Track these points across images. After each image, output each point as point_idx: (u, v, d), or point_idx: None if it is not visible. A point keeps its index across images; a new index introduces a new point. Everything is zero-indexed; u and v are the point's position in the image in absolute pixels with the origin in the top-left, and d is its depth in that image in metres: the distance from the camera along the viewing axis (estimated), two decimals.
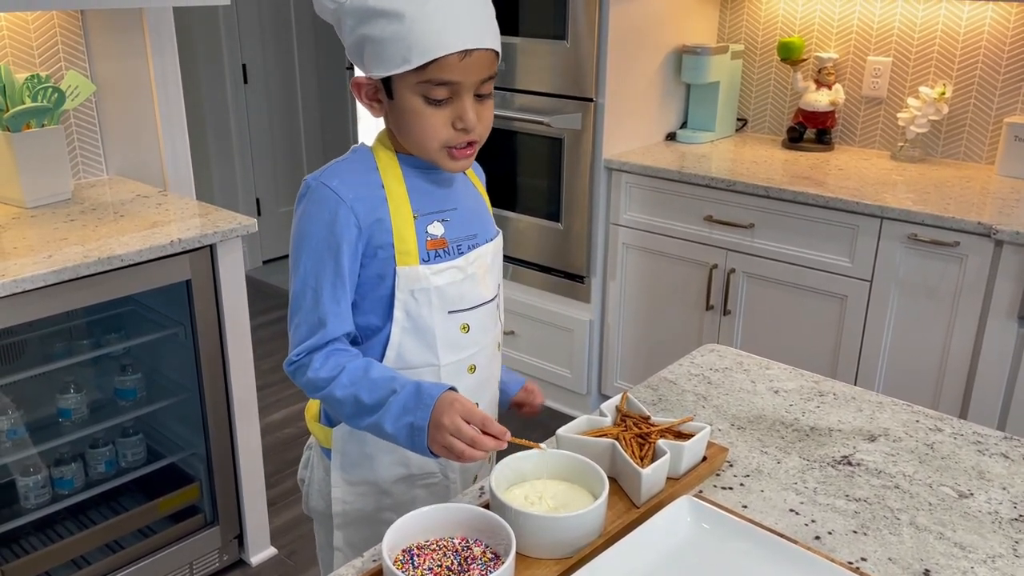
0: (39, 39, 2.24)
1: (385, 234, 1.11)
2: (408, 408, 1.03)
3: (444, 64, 1.04)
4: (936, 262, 2.15)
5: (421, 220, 1.13)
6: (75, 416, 2.06)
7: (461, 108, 1.08)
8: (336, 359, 1.09)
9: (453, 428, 0.99)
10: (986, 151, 2.57)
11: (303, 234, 1.11)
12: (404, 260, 1.11)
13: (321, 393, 1.10)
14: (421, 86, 1.06)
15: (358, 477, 1.22)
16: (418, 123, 1.09)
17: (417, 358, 1.15)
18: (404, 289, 1.12)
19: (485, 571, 0.86)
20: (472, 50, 1.05)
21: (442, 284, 1.14)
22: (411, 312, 1.13)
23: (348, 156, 1.16)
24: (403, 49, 1.04)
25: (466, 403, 1.02)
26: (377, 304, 1.14)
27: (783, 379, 1.35)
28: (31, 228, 1.97)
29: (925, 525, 1.00)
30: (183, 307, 2.02)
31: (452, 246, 1.15)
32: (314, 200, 1.10)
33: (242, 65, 4.15)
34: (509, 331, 3.08)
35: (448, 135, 1.10)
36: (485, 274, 1.20)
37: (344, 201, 1.09)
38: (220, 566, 2.25)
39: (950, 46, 2.56)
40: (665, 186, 2.59)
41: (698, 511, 0.96)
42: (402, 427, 1.03)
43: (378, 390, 1.06)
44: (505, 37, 2.79)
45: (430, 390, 1.03)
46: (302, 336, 1.11)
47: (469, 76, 1.06)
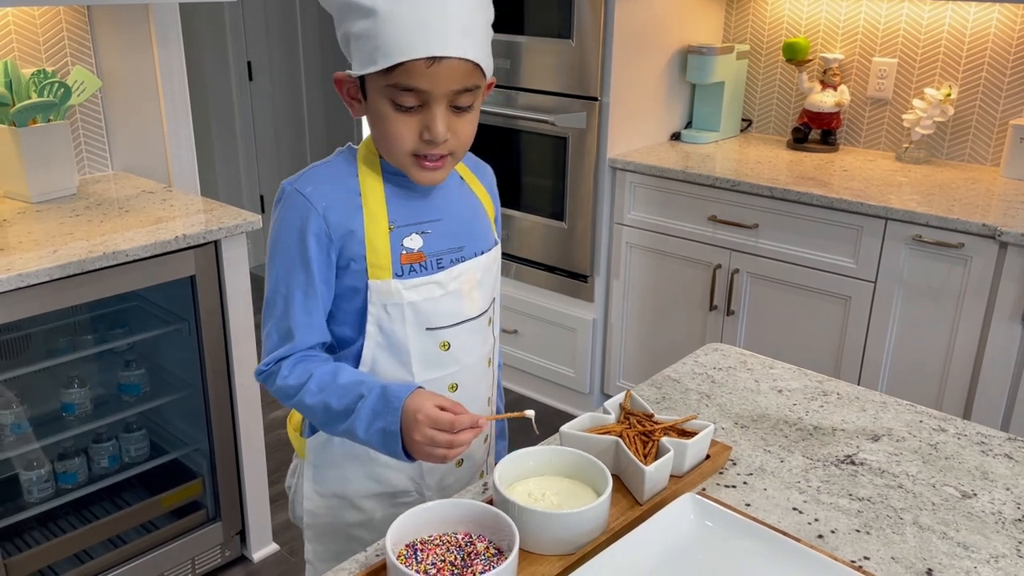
0: (45, 34, 2.25)
1: (358, 246, 1.06)
2: (377, 412, 1.00)
3: (410, 69, 0.98)
4: (940, 263, 2.15)
5: (397, 232, 1.08)
6: (79, 411, 2.07)
7: (430, 118, 1.01)
8: (305, 365, 1.06)
9: (426, 440, 0.97)
10: (991, 153, 2.57)
11: (276, 241, 1.08)
12: (376, 274, 1.07)
13: (292, 401, 1.07)
14: (388, 90, 1.01)
15: (328, 490, 1.19)
16: (385, 128, 1.04)
17: (391, 375, 1.11)
18: (377, 303, 1.08)
19: (488, 567, 0.86)
20: (441, 58, 0.98)
21: (417, 300, 1.09)
22: (384, 327, 1.09)
23: (330, 159, 1.13)
24: (372, 49, 0.99)
25: (430, 412, 0.97)
26: (351, 316, 1.10)
27: (787, 378, 1.35)
28: (36, 223, 1.97)
29: (928, 525, 1.00)
30: (187, 303, 2.03)
31: (431, 260, 1.10)
32: (287, 206, 1.07)
33: (247, 62, 4.15)
34: (512, 330, 3.08)
35: (415, 144, 1.04)
36: (472, 290, 1.14)
37: (316, 209, 1.05)
38: (222, 562, 2.25)
39: (956, 47, 2.56)
40: (669, 186, 2.59)
41: (701, 509, 0.96)
42: (375, 433, 1.00)
43: (346, 395, 1.03)
44: (510, 36, 2.79)
45: (397, 392, 1.00)
46: (272, 344, 1.08)
47: (438, 86, 0.99)
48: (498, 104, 2.88)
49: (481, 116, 3.31)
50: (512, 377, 3.17)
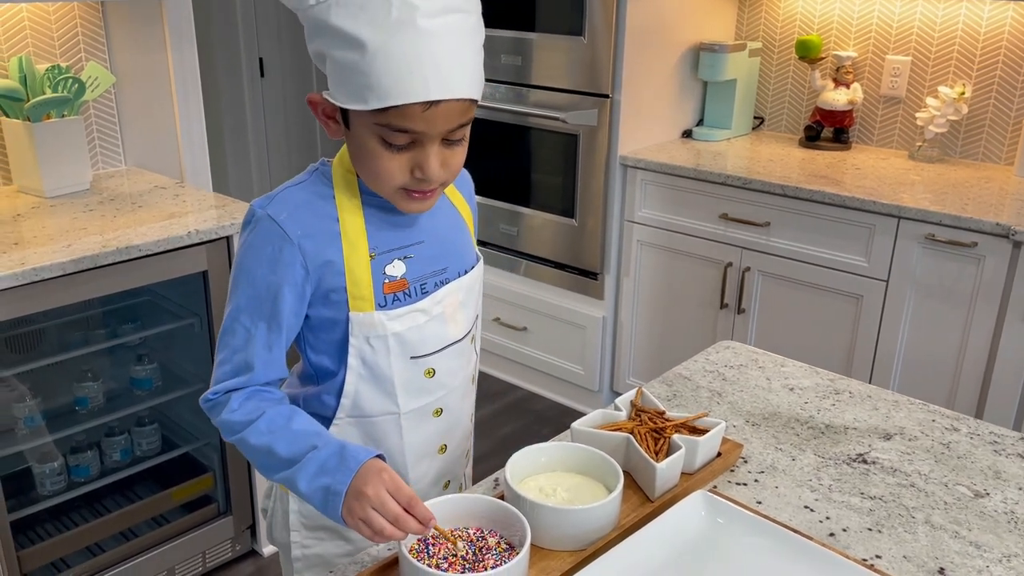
0: (60, 30, 2.26)
1: (336, 277, 1.00)
2: (327, 469, 0.92)
3: (405, 112, 0.90)
4: (953, 263, 2.14)
5: (379, 259, 1.02)
6: (91, 405, 2.08)
7: (423, 157, 0.95)
8: (256, 402, 0.99)
9: (377, 501, 0.88)
10: (1005, 152, 2.55)
11: (242, 268, 1.00)
12: (358, 306, 1.00)
13: (235, 437, 0.99)
14: (378, 128, 0.93)
15: (316, 523, 1.14)
16: (372, 164, 0.96)
17: (375, 406, 1.06)
18: (359, 336, 1.02)
19: (500, 561, 0.86)
20: (439, 101, 0.91)
21: (401, 330, 1.03)
22: (367, 360, 1.03)
23: (304, 179, 1.04)
24: (361, 85, 0.90)
25: (395, 476, 0.90)
26: (331, 347, 1.04)
27: (798, 377, 1.34)
28: (50, 217, 1.99)
29: (940, 524, 0.99)
30: (199, 298, 2.04)
31: (414, 287, 1.04)
32: (258, 233, 0.99)
33: (259, 59, 4.17)
34: (522, 327, 3.08)
35: (405, 180, 0.97)
36: (455, 312, 1.08)
37: (291, 239, 0.97)
38: (232, 556, 2.27)
39: (970, 46, 2.54)
40: (680, 183, 2.59)
41: (712, 506, 0.96)
42: (317, 488, 0.92)
43: (297, 443, 0.95)
44: (522, 33, 2.79)
45: (356, 454, 0.92)
46: (224, 374, 1.00)
47: (434, 127, 0.93)
48: (509, 101, 2.88)
49: (492, 113, 3.29)
50: (521, 374, 3.18)
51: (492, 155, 3.01)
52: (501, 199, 3.00)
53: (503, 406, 3.04)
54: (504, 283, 3.08)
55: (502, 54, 2.85)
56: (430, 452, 1.14)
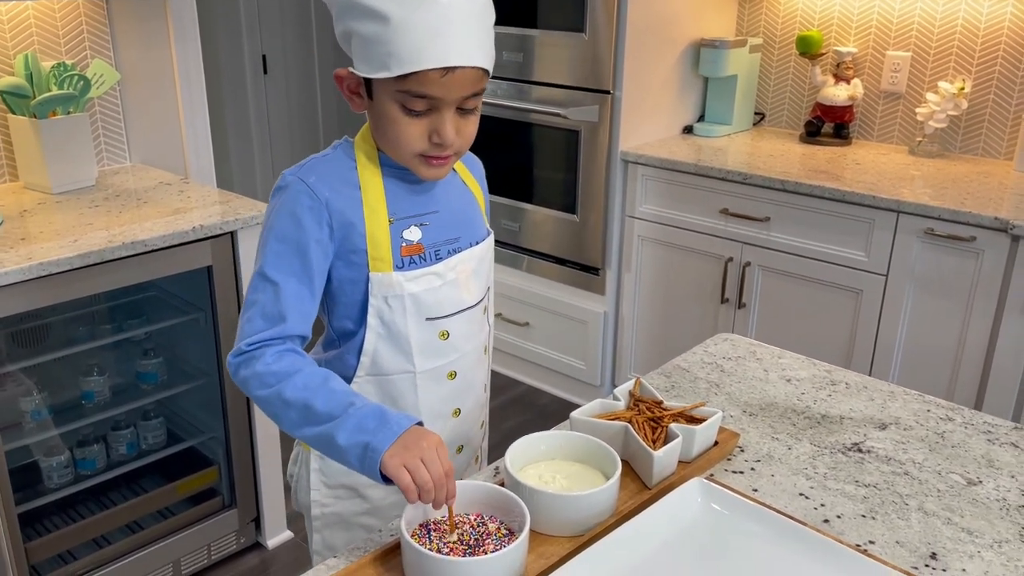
0: (65, 27, 2.28)
1: (358, 239, 1.07)
2: (367, 429, 0.94)
3: (424, 78, 0.99)
4: (952, 257, 2.15)
5: (397, 224, 1.09)
6: (98, 399, 2.10)
7: (439, 122, 1.03)
8: (291, 359, 1.02)
9: (430, 455, 0.91)
10: (1005, 147, 2.56)
11: (272, 228, 1.06)
12: (377, 266, 1.08)
13: (268, 390, 1.01)
14: (399, 95, 1.02)
15: (336, 480, 1.19)
16: (393, 130, 1.05)
17: (392, 365, 1.13)
18: (378, 295, 1.09)
19: (500, 546, 0.88)
20: (455, 68, 0.99)
21: (417, 291, 1.10)
22: (385, 319, 1.10)
23: (329, 152, 1.13)
24: (384, 54, 0.99)
25: (442, 443, 0.94)
26: (351, 308, 1.11)
27: (795, 368, 1.36)
28: (56, 213, 2.01)
29: (933, 510, 1.01)
30: (204, 293, 2.06)
31: (429, 252, 1.11)
32: (289, 195, 1.06)
33: (262, 56, 4.18)
34: (524, 322, 3.10)
35: (423, 147, 1.05)
36: (468, 279, 1.16)
37: (319, 199, 1.05)
38: (237, 548, 2.29)
39: (970, 41, 2.55)
40: (681, 179, 2.60)
41: (709, 493, 0.98)
42: (356, 444, 0.94)
43: (334, 400, 0.98)
44: (523, 29, 2.80)
45: (399, 419, 0.96)
46: (257, 327, 1.03)
47: (451, 93, 1.01)
48: (511, 97, 2.90)
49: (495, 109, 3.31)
50: (523, 369, 3.19)
51: (494, 151, 3.01)
52: (503, 195, 3.01)
53: (506, 401, 3.06)
54: (506, 279, 3.10)
55: (504, 51, 2.87)
56: (444, 414, 1.19)
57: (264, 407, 1.03)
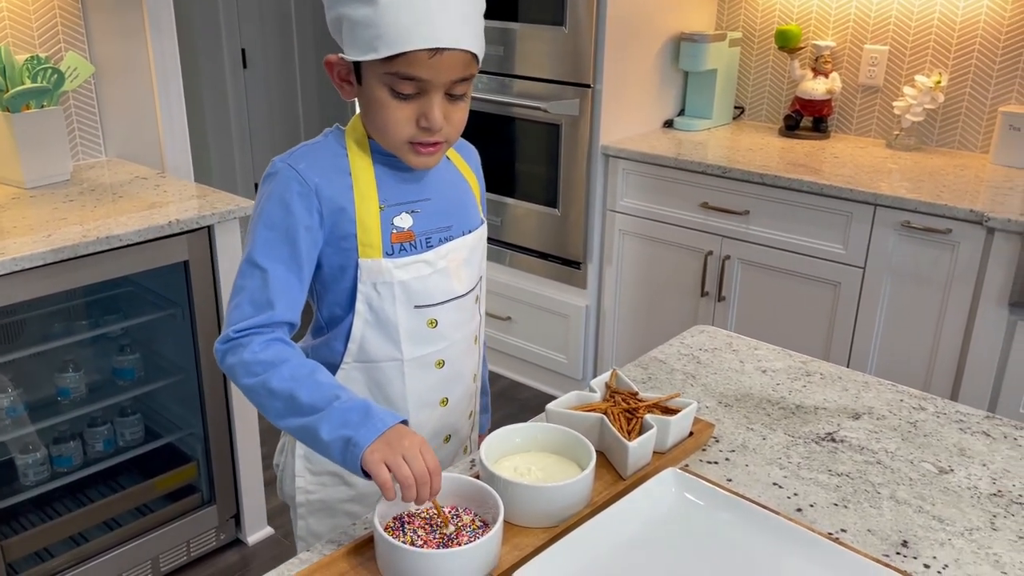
0: (38, 20, 2.25)
1: (348, 224, 1.07)
2: (350, 423, 0.94)
3: (412, 59, 0.99)
4: (929, 249, 2.17)
5: (388, 211, 1.09)
6: (74, 395, 2.08)
7: (428, 106, 1.03)
8: (279, 348, 1.01)
9: (412, 453, 0.90)
10: (981, 140, 2.59)
11: (262, 214, 1.06)
12: (367, 253, 1.08)
13: (254, 379, 1.00)
14: (387, 77, 1.01)
15: (320, 467, 1.19)
16: (382, 115, 1.04)
17: (380, 352, 1.12)
18: (366, 282, 1.09)
19: (473, 538, 0.88)
20: (443, 49, 0.99)
21: (406, 279, 1.10)
22: (373, 305, 1.10)
23: (319, 139, 1.12)
24: (372, 36, 0.99)
25: (426, 442, 0.93)
26: (340, 295, 1.11)
27: (771, 359, 1.37)
28: (30, 208, 1.99)
29: (905, 499, 1.02)
30: (181, 288, 2.04)
31: (420, 239, 1.11)
32: (279, 181, 1.06)
33: (241, 50, 4.15)
34: (505, 316, 3.10)
35: (411, 132, 1.05)
36: (459, 268, 1.15)
37: (309, 185, 1.05)
38: (217, 545, 2.28)
39: (946, 35, 2.57)
40: (662, 173, 2.61)
41: (682, 482, 0.98)
42: (338, 438, 0.94)
43: (319, 392, 0.98)
44: (504, 22, 2.80)
45: (383, 415, 0.95)
46: (244, 314, 1.02)
47: (439, 76, 1.01)
48: (491, 91, 2.89)
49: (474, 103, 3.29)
50: (505, 363, 3.19)
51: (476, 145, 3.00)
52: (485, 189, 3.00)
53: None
54: (488, 273, 3.07)
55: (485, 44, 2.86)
56: (431, 402, 1.19)
57: (249, 396, 1.03)
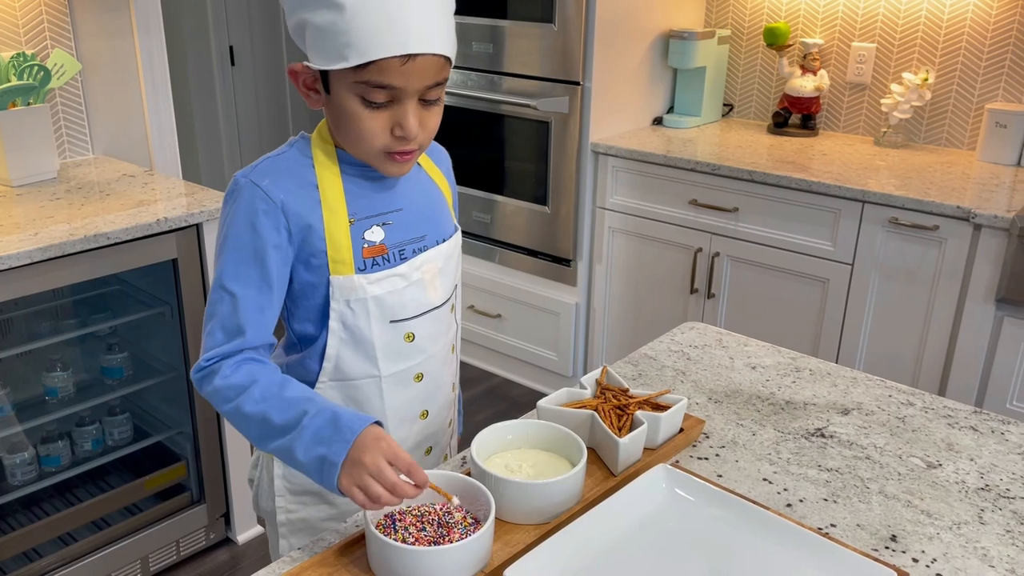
0: (24, 17, 2.24)
1: (317, 241, 1.03)
2: (323, 438, 0.92)
3: (384, 67, 0.95)
4: (916, 246, 2.18)
5: (358, 225, 1.05)
6: (61, 394, 2.07)
7: (402, 114, 0.99)
8: (249, 368, 0.99)
9: (375, 469, 0.89)
10: (967, 137, 2.60)
11: (228, 236, 1.02)
12: (338, 269, 1.04)
13: (229, 406, 0.99)
14: (358, 86, 0.97)
15: (300, 487, 1.16)
16: (354, 125, 1.00)
17: (356, 369, 1.09)
18: (339, 299, 1.05)
19: (464, 535, 0.88)
20: (416, 55, 0.95)
21: (380, 293, 1.06)
22: (347, 323, 1.06)
23: (283, 150, 1.08)
24: (341, 44, 0.95)
25: (392, 444, 0.91)
26: (312, 312, 1.07)
27: (761, 355, 1.37)
28: (17, 206, 1.97)
29: (894, 494, 1.03)
30: (169, 286, 2.03)
31: (393, 252, 1.07)
32: (243, 200, 1.02)
33: (229, 47, 4.13)
34: (496, 314, 3.10)
35: (386, 141, 1.01)
36: (434, 279, 1.12)
37: (274, 202, 1.01)
38: (206, 544, 2.27)
39: (933, 33, 2.59)
40: (651, 170, 2.61)
41: (673, 478, 0.98)
42: (314, 458, 0.92)
43: (290, 410, 0.96)
44: (493, 20, 2.79)
45: (351, 423, 0.92)
46: (216, 341, 1.01)
47: (412, 82, 0.97)
48: (481, 89, 2.89)
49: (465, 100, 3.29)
50: (496, 361, 3.20)
51: (465, 143, 3.01)
52: (475, 187, 3.01)
53: (478, 393, 3.06)
54: (479, 271, 3.10)
55: (474, 42, 2.86)
56: (411, 416, 1.16)
57: (231, 422, 1.01)
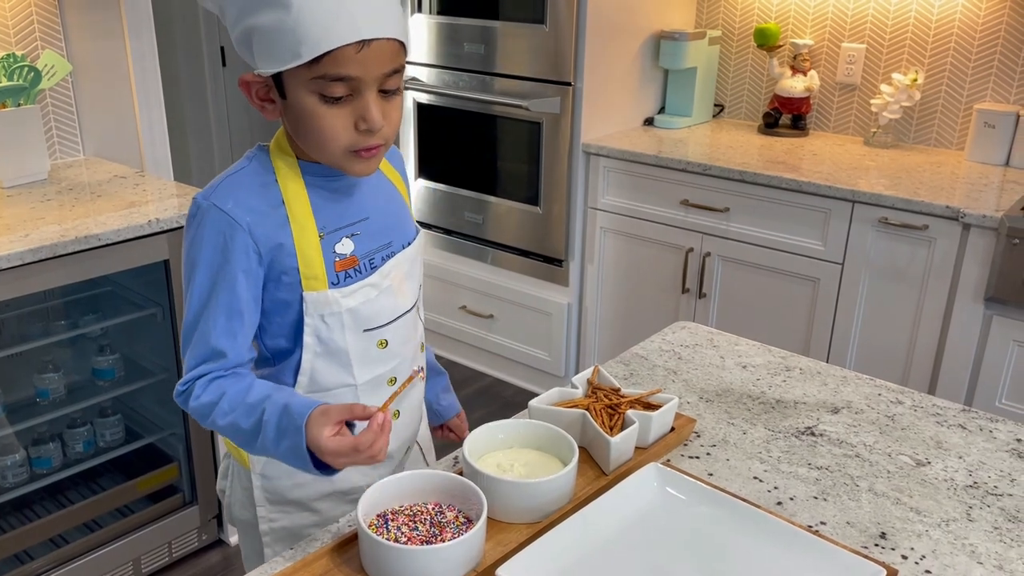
0: (15, 18, 2.23)
1: (288, 258, 1.01)
2: (282, 431, 0.94)
3: (339, 57, 0.93)
4: (906, 245, 2.20)
5: (328, 239, 1.04)
6: (53, 396, 2.07)
7: (363, 106, 0.96)
8: (218, 383, 1.00)
9: (337, 452, 0.91)
10: (956, 137, 2.62)
11: (195, 262, 1.00)
12: (311, 285, 1.02)
13: (207, 422, 1.01)
14: (315, 83, 0.94)
15: (282, 498, 1.15)
16: (315, 125, 0.97)
17: (332, 380, 1.08)
18: (313, 315, 1.04)
19: (457, 534, 0.88)
20: (370, 40, 0.93)
21: (355, 305, 1.05)
22: (322, 336, 1.05)
23: (243, 166, 1.04)
24: (292, 42, 0.92)
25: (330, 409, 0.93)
26: (285, 328, 1.06)
27: (751, 355, 1.38)
28: (7, 208, 1.97)
29: (883, 491, 1.03)
30: (161, 287, 2.03)
31: (364, 262, 1.06)
32: (207, 224, 0.99)
33: (220, 48, 4.13)
34: (488, 314, 3.10)
35: (351, 138, 0.98)
36: (401, 283, 1.11)
37: (240, 225, 0.99)
38: (199, 545, 2.26)
39: (922, 33, 2.60)
40: (642, 170, 2.62)
41: (664, 477, 0.99)
42: (284, 451, 0.95)
43: (253, 413, 0.97)
44: (485, 21, 2.80)
45: (299, 410, 0.94)
46: (191, 364, 1.02)
47: (369, 70, 0.95)
48: (472, 89, 2.89)
49: (456, 101, 3.29)
50: (488, 361, 3.20)
51: (457, 143, 3.02)
52: (466, 187, 3.01)
53: (471, 393, 3.06)
54: (470, 271, 3.10)
55: (465, 42, 2.86)
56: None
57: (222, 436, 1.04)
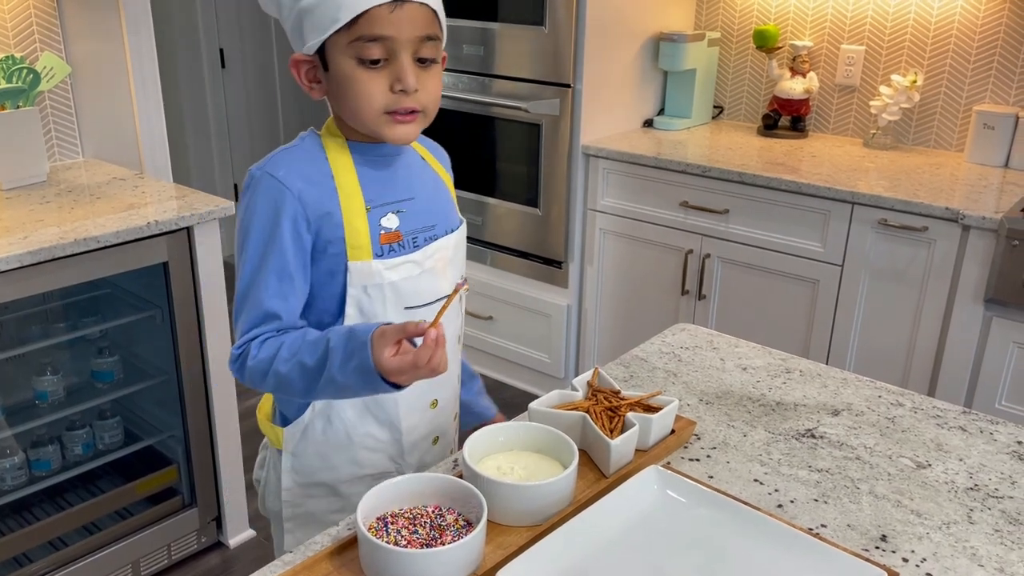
0: (14, 20, 2.23)
1: (335, 228, 1.06)
2: (349, 352, 0.98)
3: (373, 17, 1.00)
4: (905, 247, 2.20)
5: (374, 212, 1.08)
6: (52, 398, 2.06)
7: (399, 68, 1.02)
8: (271, 342, 1.04)
9: (395, 371, 0.95)
10: (956, 138, 2.62)
11: (247, 230, 1.05)
12: (356, 255, 1.06)
13: (267, 378, 1.04)
14: (353, 46, 1.01)
15: (310, 479, 1.18)
16: (354, 89, 1.03)
17: None
18: (356, 285, 1.07)
19: (457, 537, 0.88)
20: (403, 2, 1.00)
21: (397, 280, 1.09)
22: (364, 309, 1.09)
23: (296, 144, 1.11)
24: (332, 10, 1.01)
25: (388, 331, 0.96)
26: (329, 301, 1.09)
27: (751, 357, 1.38)
28: (6, 210, 1.96)
29: (884, 494, 1.03)
30: (160, 290, 2.03)
31: (407, 239, 1.10)
32: (260, 191, 1.05)
33: (219, 50, 4.13)
34: (487, 316, 3.10)
35: (387, 100, 1.04)
36: (445, 267, 1.15)
37: (291, 192, 1.04)
38: (198, 548, 2.26)
39: (922, 35, 2.60)
40: (642, 172, 2.62)
41: (665, 480, 0.99)
42: (352, 373, 0.98)
43: (317, 347, 1.01)
44: (484, 23, 2.80)
45: (363, 329, 0.99)
46: (243, 329, 1.06)
47: (402, 31, 1.01)
48: (472, 91, 2.89)
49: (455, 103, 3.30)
50: (488, 363, 3.20)
51: (456, 145, 2.99)
52: (466, 189, 3.01)
53: None
54: (470, 273, 3.07)
55: (464, 44, 2.86)
56: (422, 406, 1.18)
57: (277, 393, 1.07)
